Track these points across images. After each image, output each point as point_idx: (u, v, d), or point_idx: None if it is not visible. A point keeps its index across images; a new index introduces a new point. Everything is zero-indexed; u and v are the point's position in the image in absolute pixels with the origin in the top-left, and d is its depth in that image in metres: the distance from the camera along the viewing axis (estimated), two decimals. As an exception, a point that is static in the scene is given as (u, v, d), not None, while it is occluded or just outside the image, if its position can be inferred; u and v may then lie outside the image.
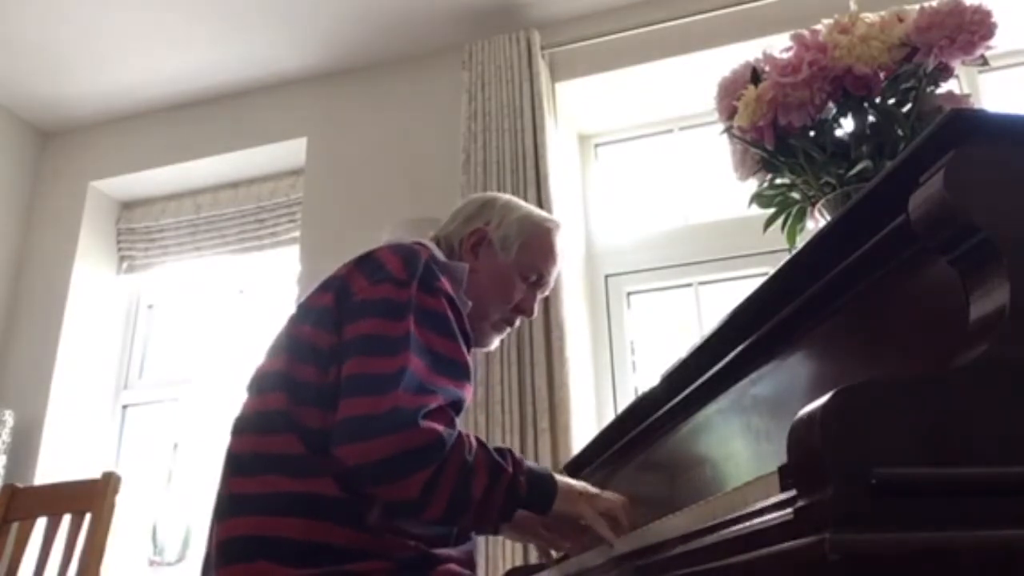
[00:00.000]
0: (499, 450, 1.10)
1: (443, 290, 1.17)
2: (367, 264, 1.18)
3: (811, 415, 0.52)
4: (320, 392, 1.08)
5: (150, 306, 3.44)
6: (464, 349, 1.16)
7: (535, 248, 1.38)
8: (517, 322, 1.43)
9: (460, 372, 1.13)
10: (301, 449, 1.06)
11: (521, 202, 1.45)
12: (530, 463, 1.13)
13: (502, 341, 2.36)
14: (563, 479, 1.15)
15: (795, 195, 1.27)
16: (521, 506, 1.10)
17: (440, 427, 1.03)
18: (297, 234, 3.06)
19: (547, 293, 1.46)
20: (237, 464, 1.11)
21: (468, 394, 1.15)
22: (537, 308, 1.43)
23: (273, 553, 1.01)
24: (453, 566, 1.10)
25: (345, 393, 1.05)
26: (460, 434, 1.05)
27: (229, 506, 1.08)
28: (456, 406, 1.10)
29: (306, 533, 1.02)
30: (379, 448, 1.00)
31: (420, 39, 3.03)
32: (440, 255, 1.29)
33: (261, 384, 1.16)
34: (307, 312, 1.17)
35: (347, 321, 1.11)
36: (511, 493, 1.07)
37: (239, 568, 1.02)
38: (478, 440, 1.08)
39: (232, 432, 1.16)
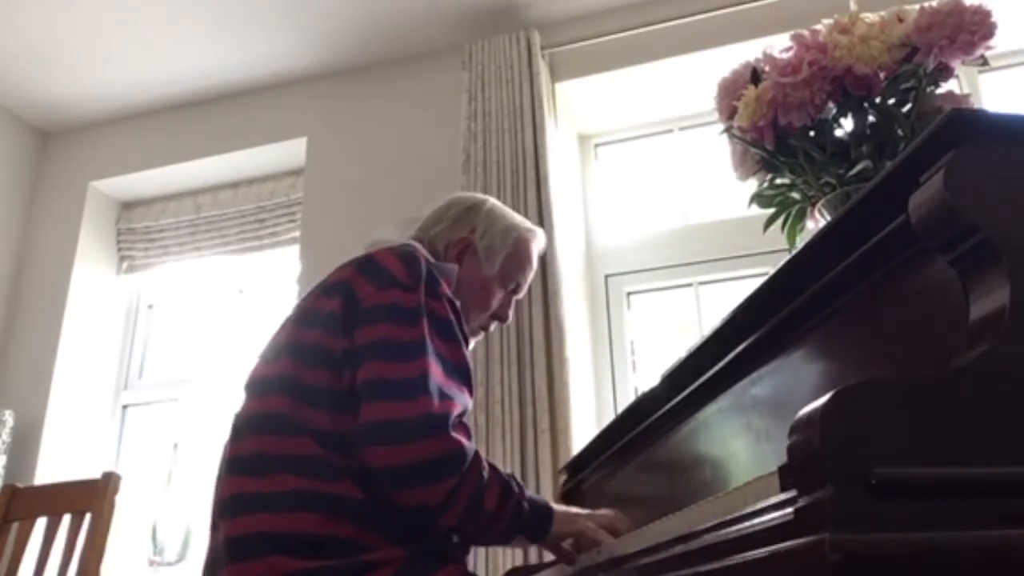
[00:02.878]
0: (508, 475, 1.14)
1: (445, 294, 1.18)
2: (370, 269, 1.18)
3: (811, 415, 0.52)
4: (332, 396, 1.09)
5: (150, 306, 3.44)
6: (466, 352, 1.18)
7: (518, 259, 1.42)
8: (493, 327, 1.46)
9: (465, 376, 1.15)
10: (315, 450, 1.06)
11: (504, 209, 1.48)
12: (531, 493, 1.17)
13: (502, 341, 2.39)
14: (559, 506, 1.21)
15: (795, 195, 1.27)
16: (522, 529, 1.14)
17: (464, 440, 1.07)
18: (297, 234, 3.06)
19: (520, 296, 1.49)
20: (241, 464, 1.11)
21: (471, 398, 1.17)
22: (512, 314, 1.48)
23: (289, 548, 1.01)
24: (461, 566, 1.12)
25: (369, 397, 1.06)
26: (477, 450, 1.09)
27: (235, 505, 1.08)
28: (465, 413, 1.13)
29: (321, 528, 1.02)
30: (413, 452, 1.03)
31: (420, 39, 3.03)
32: (430, 257, 1.30)
33: (263, 386, 1.16)
34: (312, 316, 1.17)
35: (357, 326, 1.11)
36: (516, 514, 1.12)
37: (253, 564, 1.02)
38: (488, 461, 1.12)
39: (232, 433, 1.16)
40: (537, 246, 1.46)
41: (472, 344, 1.45)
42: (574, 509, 1.23)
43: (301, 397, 1.10)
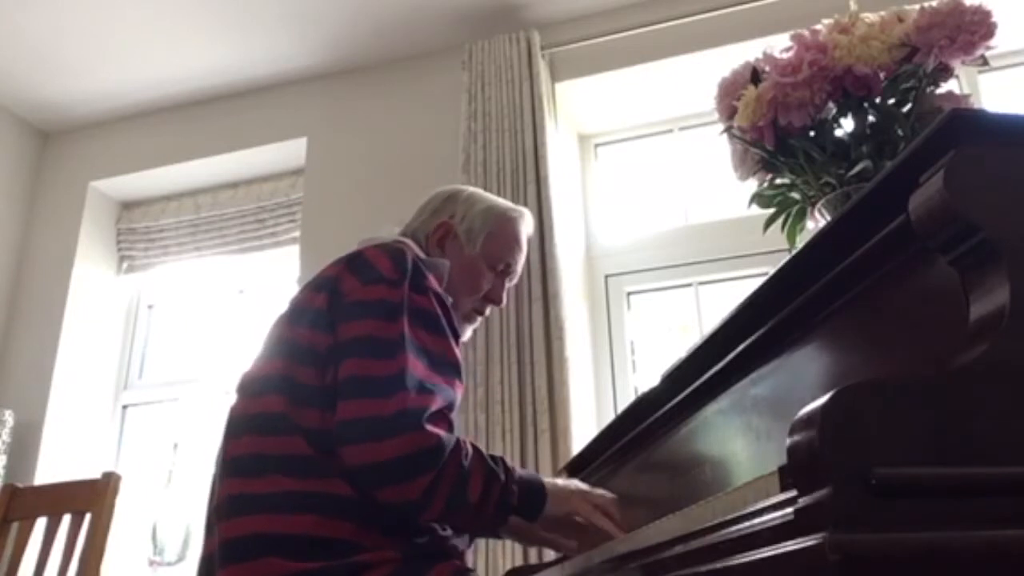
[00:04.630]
0: (492, 457, 1.12)
1: (432, 288, 1.18)
2: (356, 264, 1.18)
3: (811, 415, 0.52)
4: (319, 394, 1.09)
5: (150, 306, 3.44)
6: (454, 346, 1.18)
7: (500, 238, 1.40)
8: (488, 311, 1.44)
9: (452, 370, 1.15)
10: (307, 450, 1.06)
11: (485, 194, 1.47)
12: (521, 471, 1.16)
13: (502, 341, 2.39)
14: (553, 483, 1.19)
15: (795, 195, 1.27)
16: (514, 512, 1.12)
17: (441, 432, 1.05)
18: (297, 234, 3.06)
19: (515, 281, 1.48)
20: (237, 465, 1.11)
21: (460, 391, 1.17)
22: (506, 296, 1.45)
23: (282, 549, 1.01)
24: (458, 562, 1.12)
25: (345, 394, 1.06)
26: (458, 439, 1.08)
27: (231, 506, 1.08)
28: (451, 406, 1.12)
29: (315, 529, 1.02)
30: (387, 449, 1.02)
31: (420, 39, 3.03)
32: (421, 253, 1.31)
33: (257, 386, 1.15)
34: (301, 313, 1.17)
35: (341, 322, 1.12)
36: (503, 499, 1.10)
37: (247, 566, 1.02)
38: (474, 446, 1.11)
39: (227, 434, 1.16)
40: (524, 227, 1.44)
41: (469, 332, 1.44)
42: (572, 485, 1.21)
43: (293, 396, 1.10)
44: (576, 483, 1.23)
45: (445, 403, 1.10)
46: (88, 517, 2.01)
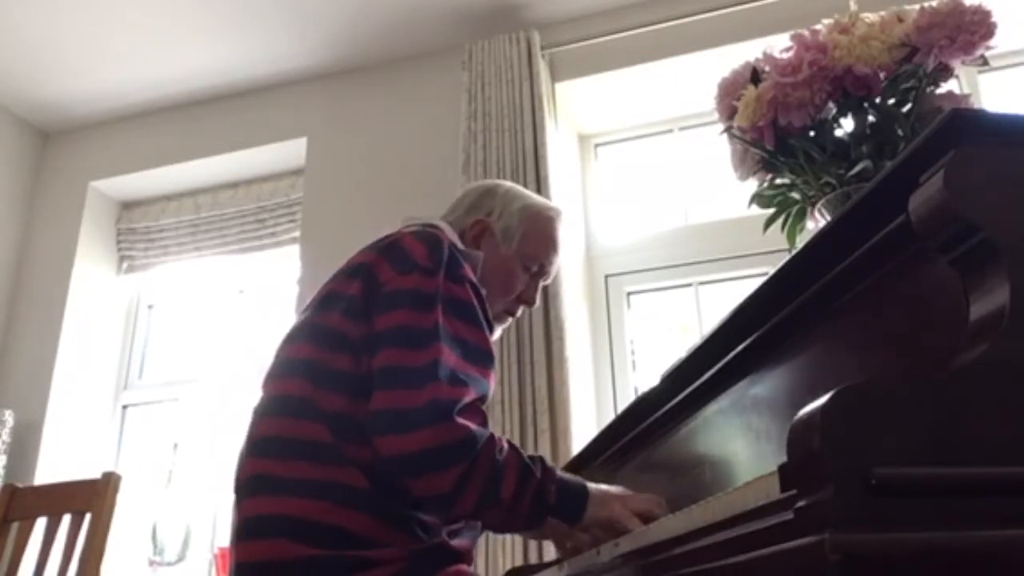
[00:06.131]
0: (531, 457, 1.11)
1: (468, 278, 1.18)
2: (393, 252, 1.18)
3: (811, 415, 0.52)
4: (352, 380, 1.10)
5: (150, 306, 3.44)
6: (488, 336, 1.17)
7: (537, 238, 1.38)
8: (519, 311, 1.43)
9: (486, 360, 1.14)
10: (327, 437, 1.07)
11: (522, 190, 1.45)
12: (563, 473, 1.13)
13: (502, 341, 2.38)
14: (596, 486, 1.14)
15: (795, 195, 1.27)
16: (551, 514, 1.09)
17: (473, 424, 1.05)
18: (297, 234, 3.07)
19: (549, 281, 1.46)
20: (261, 446, 1.12)
21: (493, 382, 1.16)
22: (538, 297, 1.43)
23: (293, 532, 1.03)
24: (463, 567, 1.12)
25: (380, 384, 1.07)
26: (491, 434, 1.07)
27: (254, 485, 1.10)
28: (484, 398, 1.12)
29: (327, 516, 1.04)
30: (416, 441, 1.02)
31: (420, 39, 3.03)
32: (458, 241, 1.30)
33: (283, 369, 1.17)
34: (335, 299, 1.17)
35: (378, 311, 1.12)
36: (539, 499, 1.08)
37: (258, 544, 1.05)
38: (510, 443, 1.10)
39: (254, 414, 1.18)
40: (561, 227, 1.42)
41: (498, 333, 1.42)
42: (614, 490, 1.16)
43: (318, 380, 1.11)
44: (620, 488, 1.17)
45: (478, 395, 1.10)
46: (88, 517, 2.01)
